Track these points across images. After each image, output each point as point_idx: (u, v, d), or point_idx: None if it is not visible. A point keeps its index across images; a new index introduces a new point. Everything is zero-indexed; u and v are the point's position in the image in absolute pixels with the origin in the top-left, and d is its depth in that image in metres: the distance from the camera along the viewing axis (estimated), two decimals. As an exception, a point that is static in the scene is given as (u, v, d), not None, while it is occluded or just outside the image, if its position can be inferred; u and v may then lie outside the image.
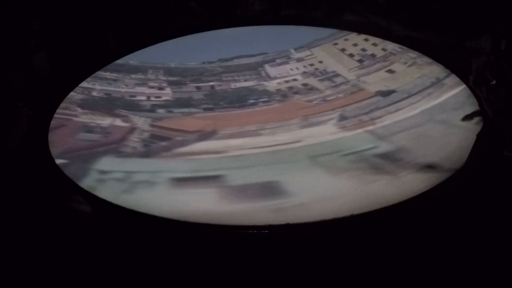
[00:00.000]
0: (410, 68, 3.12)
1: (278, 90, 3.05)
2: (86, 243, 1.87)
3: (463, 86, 2.89)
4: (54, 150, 2.46)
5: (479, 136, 2.31)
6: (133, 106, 2.92)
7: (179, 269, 1.87)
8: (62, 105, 2.84)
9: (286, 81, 3.13)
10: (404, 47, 3.28)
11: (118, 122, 2.78)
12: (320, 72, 3.20)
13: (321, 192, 2.12)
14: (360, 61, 3.26)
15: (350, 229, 1.93)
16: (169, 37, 3.54)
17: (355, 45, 3.39)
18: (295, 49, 3.41)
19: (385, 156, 2.31)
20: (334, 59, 3.29)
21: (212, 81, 3.17)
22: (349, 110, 2.78)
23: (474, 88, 2.24)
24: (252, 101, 2.95)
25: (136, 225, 2.02)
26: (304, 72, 3.21)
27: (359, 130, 2.56)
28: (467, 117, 2.55)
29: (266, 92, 3.03)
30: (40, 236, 1.89)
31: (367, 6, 3.67)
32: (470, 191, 2.05)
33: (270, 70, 3.25)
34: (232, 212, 2.03)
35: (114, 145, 2.56)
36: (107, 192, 2.16)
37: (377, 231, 1.91)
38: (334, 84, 3.06)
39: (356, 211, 1.95)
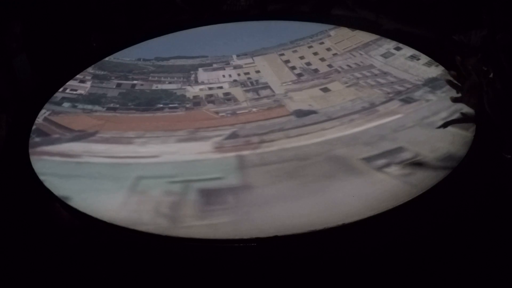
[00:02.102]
0: (347, 89, 2.70)
1: (195, 97, 2.79)
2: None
3: (397, 115, 2.45)
4: None
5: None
6: (45, 97, 2.83)
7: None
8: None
9: (210, 88, 2.86)
10: (352, 65, 2.86)
11: (19, 111, 2.70)
12: (251, 82, 2.88)
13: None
14: (299, 75, 2.89)
15: (341, 239, 1.78)
16: (154, 34, 3.41)
17: (301, 57, 3.01)
18: (238, 56, 3.11)
19: (209, 194, 1.95)
20: (272, 70, 2.95)
21: (136, 79, 2.99)
22: (247, 128, 2.46)
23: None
24: (160, 105, 2.73)
25: None
26: (234, 81, 2.91)
27: (230, 154, 2.23)
28: (447, 123, 2.18)
29: (181, 98, 2.79)
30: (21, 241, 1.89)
31: (356, 0, 3.32)
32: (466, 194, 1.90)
33: (201, 74, 3.00)
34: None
35: (-8, 136, 2.48)
36: None
37: (367, 241, 1.78)
38: (256, 97, 2.74)
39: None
